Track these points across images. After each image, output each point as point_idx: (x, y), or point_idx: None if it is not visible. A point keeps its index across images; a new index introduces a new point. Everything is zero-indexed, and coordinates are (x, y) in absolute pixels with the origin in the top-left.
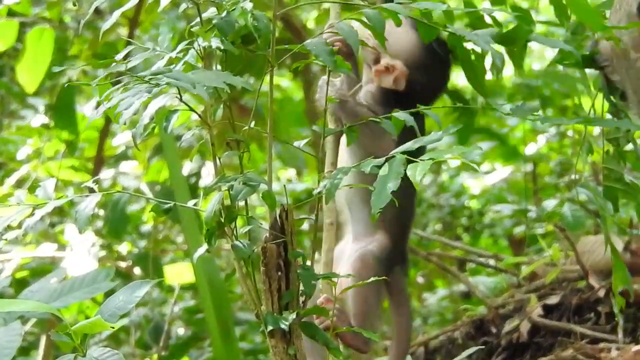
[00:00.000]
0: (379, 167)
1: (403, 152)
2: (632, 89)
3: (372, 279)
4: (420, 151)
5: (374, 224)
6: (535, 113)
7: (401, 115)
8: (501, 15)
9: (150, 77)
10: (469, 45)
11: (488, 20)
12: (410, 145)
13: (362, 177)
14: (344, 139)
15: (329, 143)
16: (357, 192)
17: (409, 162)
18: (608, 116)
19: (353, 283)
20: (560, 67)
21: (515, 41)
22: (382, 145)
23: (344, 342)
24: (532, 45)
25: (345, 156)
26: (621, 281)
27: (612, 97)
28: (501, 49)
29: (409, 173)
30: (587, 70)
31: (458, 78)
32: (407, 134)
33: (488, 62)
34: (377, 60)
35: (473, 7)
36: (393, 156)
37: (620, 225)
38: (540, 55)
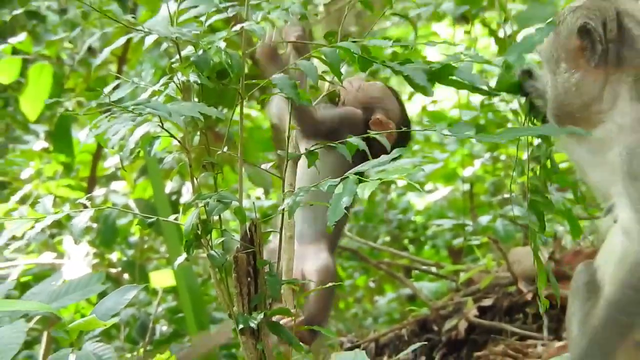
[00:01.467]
0: (335, 186)
1: (355, 173)
2: (553, 94)
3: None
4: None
5: (315, 224)
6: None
7: (354, 140)
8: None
9: (133, 107)
10: None
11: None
12: (363, 167)
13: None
14: (301, 162)
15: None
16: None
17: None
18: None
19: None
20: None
21: (442, 76)
22: None
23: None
24: None
25: (302, 173)
26: (543, 283)
27: (535, 120)
28: None
29: (358, 192)
30: None
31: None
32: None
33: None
34: (368, 109)
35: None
36: (347, 176)
37: (547, 236)
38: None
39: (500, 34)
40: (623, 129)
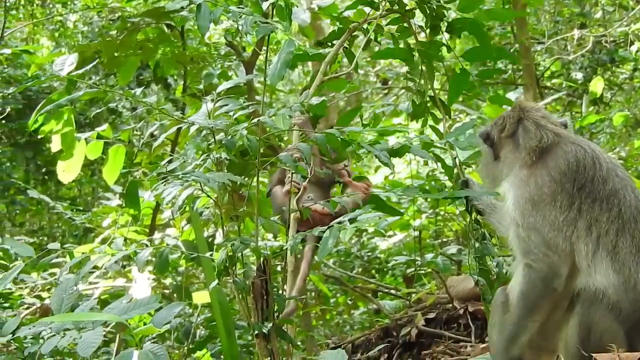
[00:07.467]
0: (323, 232)
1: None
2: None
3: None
4: None
5: None
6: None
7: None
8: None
9: (182, 176)
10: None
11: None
12: (344, 218)
13: None
14: None
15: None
16: None
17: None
18: None
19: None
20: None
21: (400, 153)
22: None
23: None
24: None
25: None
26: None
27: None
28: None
29: (341, 236)
30: None
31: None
32: None
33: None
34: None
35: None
36: (332, 225)
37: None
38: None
39: (440, 128)
40: (512, 185)
